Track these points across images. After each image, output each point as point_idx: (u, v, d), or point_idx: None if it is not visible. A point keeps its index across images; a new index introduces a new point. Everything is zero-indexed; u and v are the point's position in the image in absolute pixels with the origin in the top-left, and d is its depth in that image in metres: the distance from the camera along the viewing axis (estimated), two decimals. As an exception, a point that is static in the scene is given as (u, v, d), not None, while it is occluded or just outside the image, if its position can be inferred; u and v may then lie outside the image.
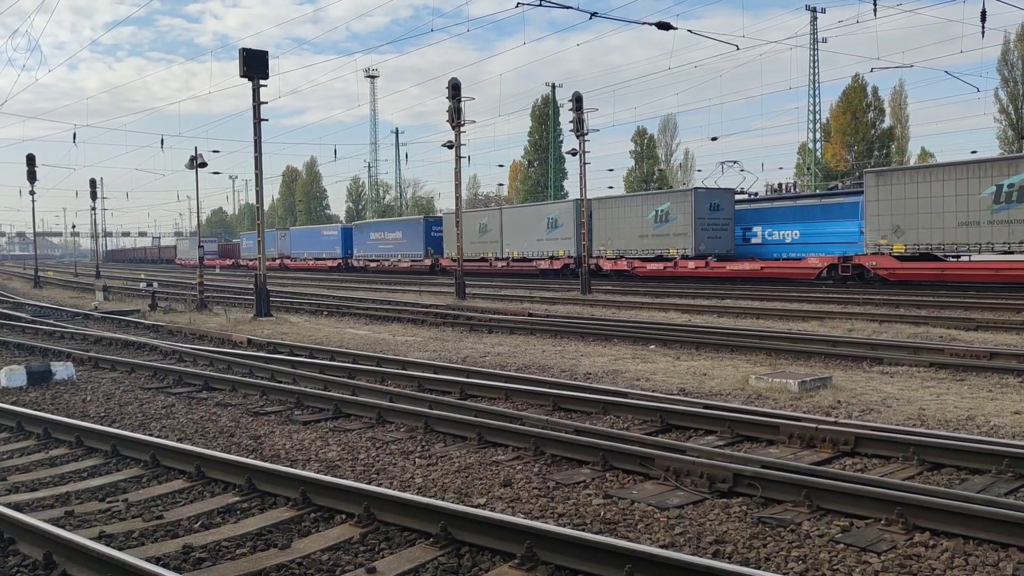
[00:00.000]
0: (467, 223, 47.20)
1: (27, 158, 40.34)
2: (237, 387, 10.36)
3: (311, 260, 64.72)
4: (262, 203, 22.97)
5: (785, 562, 4.54)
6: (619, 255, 37.66)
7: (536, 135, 75.47)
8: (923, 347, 12.42)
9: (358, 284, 40.16)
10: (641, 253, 36.76)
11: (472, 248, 45.54)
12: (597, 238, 38.32)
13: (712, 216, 35.26)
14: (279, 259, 68.43)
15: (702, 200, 35.02)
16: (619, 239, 37.85)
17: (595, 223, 37.88)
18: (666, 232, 35.78)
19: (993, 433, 7.40)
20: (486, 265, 46.23)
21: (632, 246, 37.23)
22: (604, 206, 39.14)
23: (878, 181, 28.16)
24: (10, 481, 6.52)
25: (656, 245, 36.19)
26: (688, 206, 34.96)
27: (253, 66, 20.61)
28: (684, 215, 35.12)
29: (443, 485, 6.15)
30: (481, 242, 46.86)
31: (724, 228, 35.87)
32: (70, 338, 16.79)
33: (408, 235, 52.98)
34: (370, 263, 56.44)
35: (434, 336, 16.55)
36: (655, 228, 36.37)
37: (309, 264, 64.71)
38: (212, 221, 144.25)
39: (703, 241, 34.80)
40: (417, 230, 52.60)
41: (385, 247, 55.44)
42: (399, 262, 53.05)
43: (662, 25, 21.77)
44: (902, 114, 65.71)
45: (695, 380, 10.49)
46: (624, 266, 37.30)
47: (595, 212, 38.10)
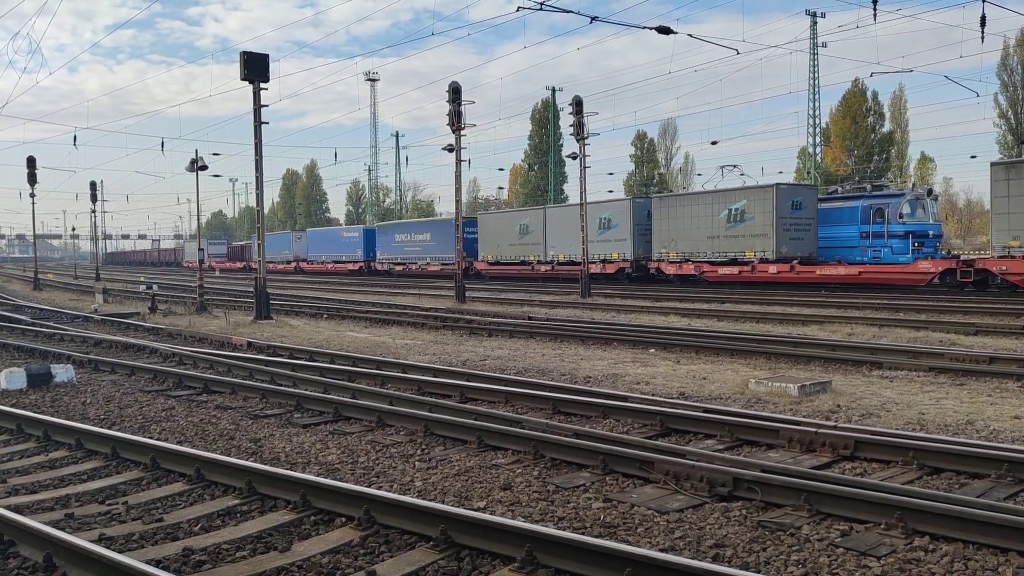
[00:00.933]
0: (506, 224, 44.67)
1: (27, 160, 40.39)
2: (237, 390, 10.36)
3: (330, 263, 61.49)
4: (262, 206, 22.99)
5: (785, 566, 4.54)
6: (684, 258, 34.36)
7: (536, 139, 75.56)
8: (922, 351, 12.43)
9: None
10: (711, 256, 33.34)
11: (511, 251, 43.57)
12: (658, 239, 35.50)
13: (795, 215, 31.68)
14: (294, 262, 66.00)
15: (784, 197, 31.47)
16: (685, 240, 34.35)
17: (655, 223, 35.55)
18: (741, 233, 32.22)
19: (992, 438, 7.40)
20: (527, 269, 42.56)
21: (700, 248, 33.73)
22: (667, 204, 35.84)
23: (1008, 174, 24.63)
24: (10, 483, 6.52)
25: (729, 247, 32.70)
26: (769, 204, 31.33)
27: (254, 69, 20.64)
28: (763, 214, 31.50)
29: (443, 488, 6.15)
30: (522, 244, 43.18)
31: (807, 228, 32.19)
32: (70, 340, 16.79)
33: (438, 237, 48.87)
34: (395, 267, 53.40)
35: (434, 339, 16.56)
36: (728, 228, 32.73)
37: (328, 267, 61.70)
38: (212, 224, 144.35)
39: (785, 243, 31.29)
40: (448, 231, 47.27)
41: (412, 250, 52.10)
42: (427, 266, 49.74)
43: (662, 29, 21.78)
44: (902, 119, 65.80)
45: (695, 384, 10.50)
46: (691, 270, 34.07)
47: (655, 211, 35.81)
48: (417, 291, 34.53)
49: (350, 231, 63.81)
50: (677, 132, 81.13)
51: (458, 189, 28.18)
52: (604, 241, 38.39)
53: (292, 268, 65.59)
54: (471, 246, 46.73)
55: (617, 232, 37.90)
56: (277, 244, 69.56)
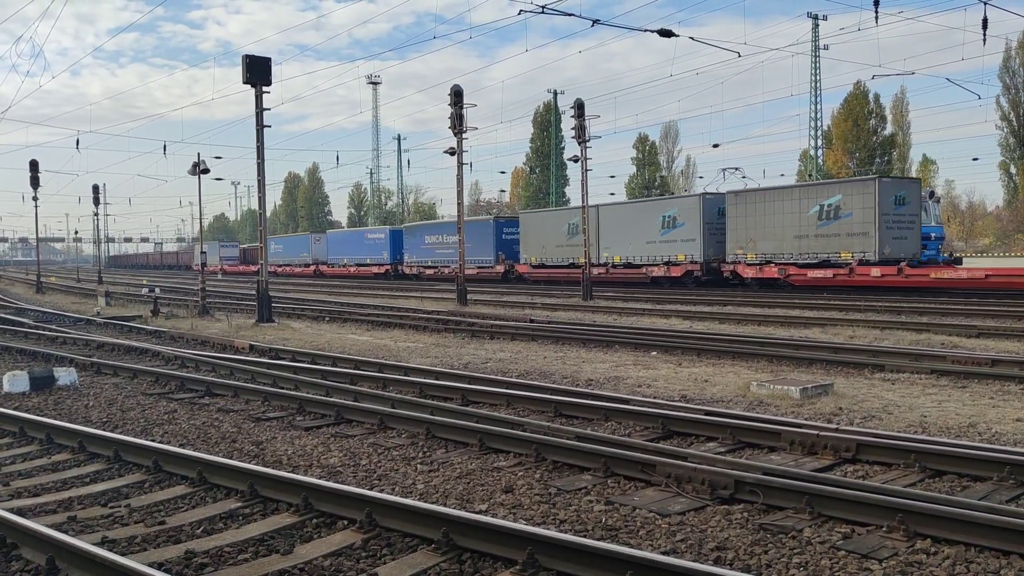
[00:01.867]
0: (552, 223, 41.50)
1: (30, 164, 40.49)
2: (239, 393, 10.37)
3: (352, 266, 58.67)
4: (264, 209, 22.99)
5: (787, 569, 4.54)
6: (766, 260, 31.34)
7: (538, 142, 75.70)
8: (925, 354, 12.41)
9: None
10: (798, 258, 30.31)
11: (558, 252, 40.59)
12: (733, 239, 32.45)
13: (898, 211, 28.57)
14: (313, 265, 63.56)
15: (886, 191, 28.36)
16: (767, 240, 31.23)
17: (730, 220, 32.56)
18: (836, 231, 29.16)
19: (995, 440, 7.39)
20: (577, 273, 37.77)
21: (785, 249, 30.66)
22: (745, 200, 32.50)
23: None
24: (13, 486, 6.53)
25: (821, 247, 29.62)
26: (869, 198, 28.27)
27: (256, 72, 20.67)
28: (863, 210, 28.41)
29: (445, 491, 6.15)
30: (570, 245, 39.40)
31: (910, 227, 29.08)
32: (72, 344, 16.82)
33: (474, 237, 45.18)
34: (425, 270, 49.95)
35: (436, 342, 16.57)
36: (820, 226, 29.63)
37: (350, 271, 58.93)
38: (214, 227, 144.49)
39: (888, 242, 28.10)
40: (485, 232, 45.65)
41: (444, 252, 48.52)
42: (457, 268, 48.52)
43: (664, 32, 21.81)
44: (903, 121, 65.86)
45: (696, 387, 10.50)
46: (773, 273, 31.04)
47: (731, 207, 32.66)
48: (419, 294, 34.51)
49: (375, 232, 60.14)
50: (679, 135, 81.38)
51: (460, 192, 28.20)
52: (668, 242, 35.28)
53: (311, 271, 63.45)
54: (511, 247, 44.45)
55: (684, 231, 34.60)
56: (295, 246, 68.06)
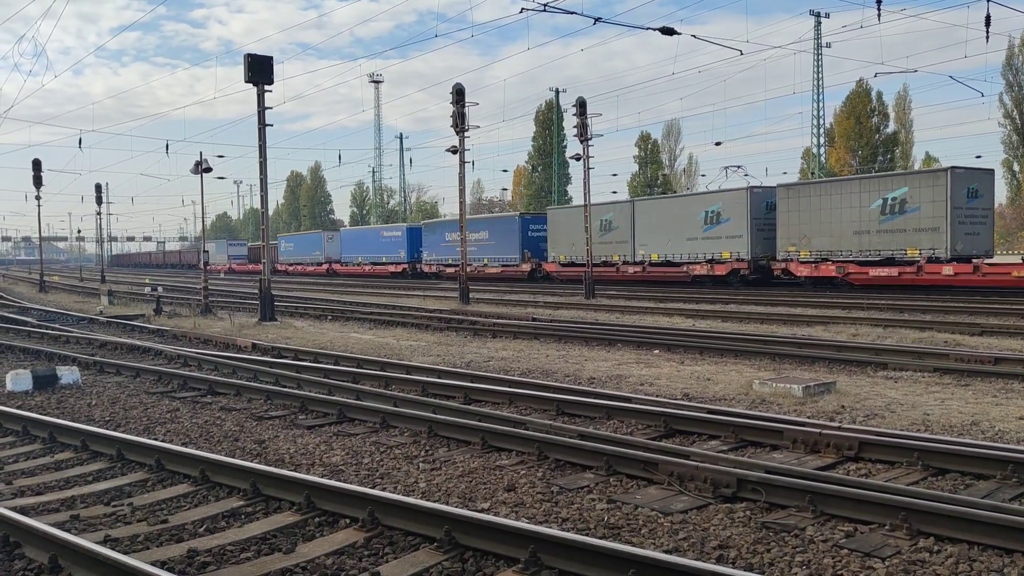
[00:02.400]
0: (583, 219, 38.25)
1: (33, 163, 40.54)
2: (241, 391, 10.38)
3: (367, 265, 56.72)
4: (267, 208, 23.01)
5: (789, 567, 4.54)
6: (821, 257, 29.57)
7: (540, 140, 75.64)
8: (927, 352, 12.40)
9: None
10: (858, 255, 28.49)
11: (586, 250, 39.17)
12: (784, 235, 30.68)
13: (970, 204, 26.80)
14: (326, 264, 61.98)
15: (959, 183, 26.51)
16: (822, 236, 29.47)
17: (781, 216, 30.82)
18: (902, 226, 27.30)
19: (998, 438, 7.38)
20: (610, 271, 37.49)
21: (844, 245, 28.88)
22: (798, 194, 30.71)
23: None
24: (16, 485, 6.54)
25: (884, 244, 27.84)
26: (940, 191, 26.38)
27: (258, 71, 20.67)
28: (933, 203, 26.50)
29: (447, 490, 6.16)
30: (603, 243, 37.69)
31: (983, 221, 27.36)
32: (75, 342, 16.84)
33: (498, 235, 44.39)
34: (445, 269, 47.77)
35: (438, 341, 16.57)
36: (883, 221, 27.82)
37: (365, 270, 57.01)
38: (217, 226, 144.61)
39: (960, 238, 26.35)
40: (510, 229, 43.99)
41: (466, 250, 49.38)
42: (484, 267, 45.08)
43: (666, 30, 21.80)
44: (906, 119, 65.80)
45: (699, 385, 10.49)
46: (830, 271, 29.30)
47: (782, 202, 30.92)
48: (422, 292, 34.51)
49: (391, 230, 58.04)
50: (681, 133, 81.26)
51: (462, 191, 28.21)
52: (712, 239, 33.48)
53: (324, 270, 61.85)
54: (537, 245, 42.63)
55: (729, 228, 32.81)
56: (307, 245, 66.85)
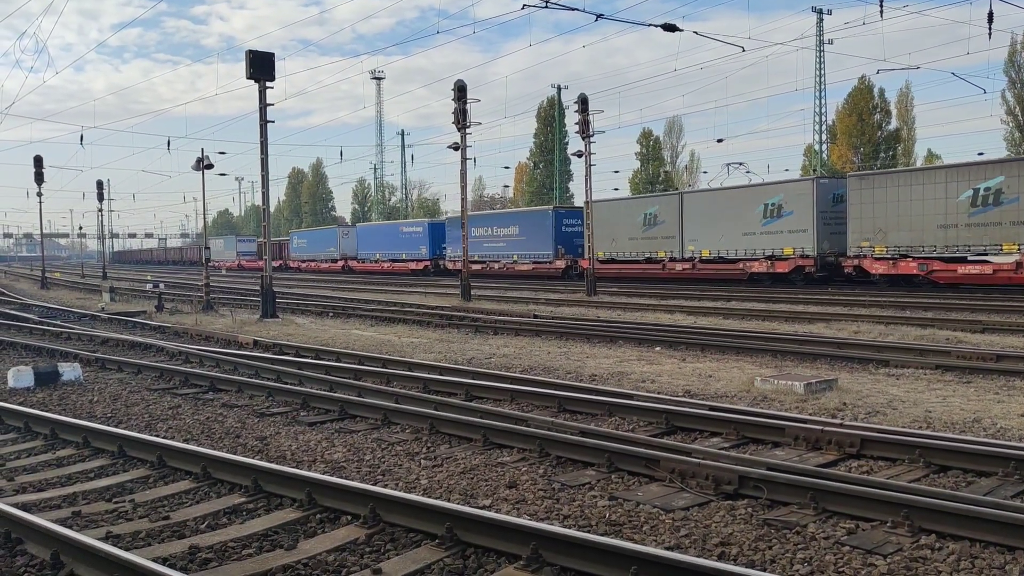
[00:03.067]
0: (624, 213, 37.32)
1: (34, 160, 40.55)
2: (243, 388, 10.38)
3: (386, 262, 54.60)
4: (268, 204, 23.02)
5: (791, 564, 4.53)
6: (901, 253, 27.47)
7: (541, 137, 75.49)
8: (929, 349, 12.39)
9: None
10: (944, 251, 26.43)
11: (631, 246, 36.83)
12: (857, 229, 28.61)
13: None
14: (341, 261, 60.25)
15: None
16: (901, 231, 27.42)
17: (853, 208, 28.80)
18: (996, 219, 25.18)
19: (1000, 435, 7.37)
20: (655, 268, 35.59)
21: (927, 240, 26.75)
22: (873, 184, 28.49)
23: None
24: (17, 481, 6.55)
25: (975, 238, 25.75)
26: None
27: (259, 68, 20.66)
28: None
29: (448, 486, 6.16)
30: (647, 238, 35.93)
31: None
32: (77, 339, 16.85)
33: (528, 230, 42.43)
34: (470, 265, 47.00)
35: (439, 338, 16.57)
36: (973, 214, 25.77)
37: (383, 267, 54.92)
38: (218, 222, 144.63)
39: None
40: (543, 224, 41.82)
41: (494, 246, 44.96)
42: (513, 265, 43.24)
43: (668, 27, 21.76)
44: (908, 116, 65.57)
45: (700, 382, 10.48)
46: (911, 269, 27.28)
47: (853, 193, 28.77)
48: (424, 290, 34.50)
49: (411, 225, 55.74)
50: (683, 130, 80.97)
51: (464, 187, 28.19)
52: (772, 233, 31.47)
53: (339, 267, 60.07)
54: (571, 241, 40.26)
55: (791, 221, 30.82)
56: (321, 241, 65.10)
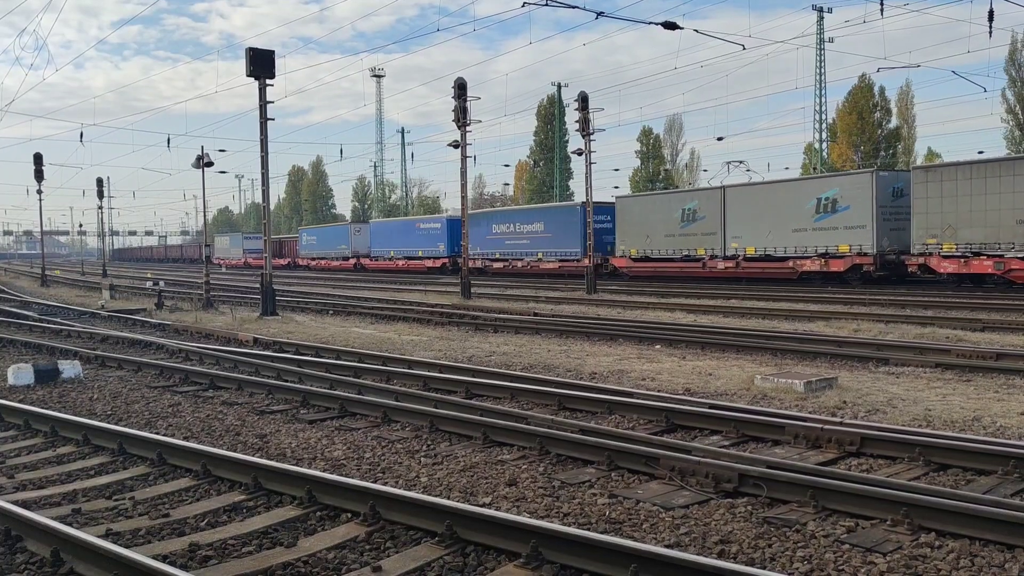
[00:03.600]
0: (660, 209, 35.79)
1: (34, 157, 40.50)
2: (243, 386, 10.38)
3: (401, 260, 52.33)
4: (268, 202, 23.02)
5: (790, 562, 4.54)
6: (972, 252, 25.33)
7: (542, 135, 75.43)
8: (929, 348, 12.39)
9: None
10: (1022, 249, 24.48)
11: (667, 243, 35.01)
12: (922, 226, 26.62)
13: None
14: (353, 258, 58.20)
15: None
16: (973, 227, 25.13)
17: (917, 203, 26.68)
18: None
19: (1000, 434, 7.38)
20: (694, 267, 33.72)
21: (1002, 238, 24.72)
22: (937, 178, 26.32)
23: None
24: (17, 479, 6.55)
25: None
26: None
27: (259, 65, 20.64)
28: None
29: (448, 484, 6.16)
30: (685, 234, 34.21)
31: None
32: (77, 337, 16.85)
33: (556, 226, 40.79)
34: (491, 263, 44.43)
35: (440, 336, 16.57)
36: None
37: (398, 265, 52.76)
38: (218, 220, 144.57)
39: None
40: (571, 220, 39.84)
41: (517, 243, 43.38)
42: (538, 263, 41.65)
43: (668, 25, 21.73)
44: (909, 114, 65.53)
45: (701, 380, 10.48)
46: (986, 268, 25.10)
47: (918, 187, 26.76)
48: (423, 287, 34.51)
49: (429, 221, 53.29)
50: (683, 128, 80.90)
51: (464, 185, 28.19)
52: (826, 229, 29.62)
53: (351, 265, 58.04)
54: (601, 238, 37.47)
55: (848, 216, 28.94)
56: (332, 238, 62.87)
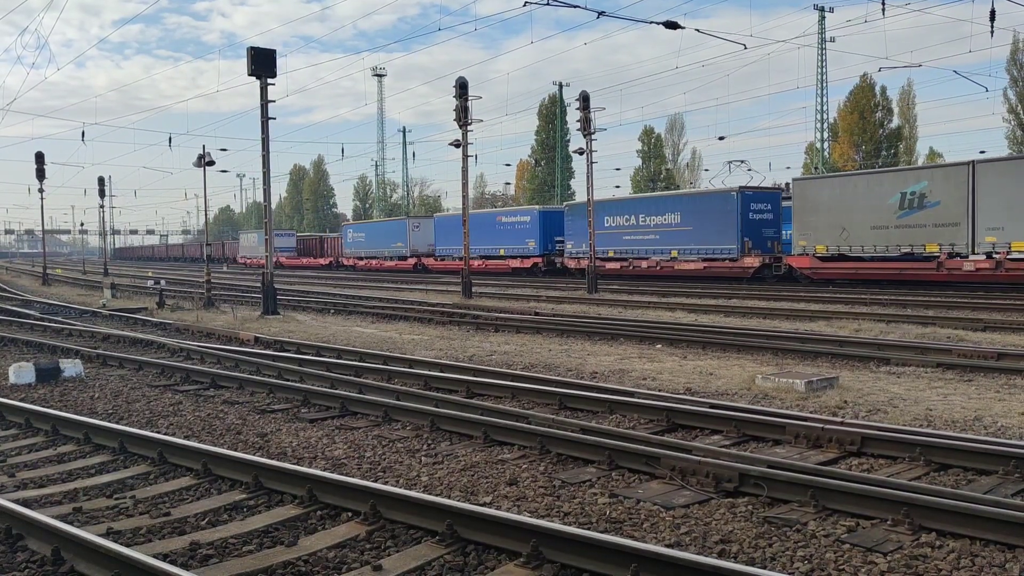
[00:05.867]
0: (863, 194, 27.65)
1: (36, 156, 40.51)
2: (244, 385, 10.39)
3: (476, 259, 43.01)
4: (270, 201, 23.01)
5: (791, 562, 4.53)
6: None
7: (543, 134, 75.43)
8: (930, 347, 12.38)
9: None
10: None
11: (874, 237, 27.34)
12: None
13: None
14: (412, 257, 51.09)
15: None
16: None
17: None
18: None
19: (1000, 434, 7.37)
20: (923, 267, 26.23)
21: None
22: None
23: None
24: (19, 477, 6.55)
25: None
26: None
27: (261, 64, 20.63)
28: None
29: (449, 483, 6.16)
30: (906, 225, 26.61)
31: None
32: (78, 335, 16.86)
33: (698, 217, 33.01)
34: (603, 263, 36.02)
35: (440, 335, 16.57)
36: None
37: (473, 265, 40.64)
38: (219, 219, 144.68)
39: None
40: (723, 209, 32.03)
41: (639, 239, 35.58)
42: (672, 262, 33.99)
43: (670, 24, 21.73)
44: (910, 114, 65.52)
45: (701, 380, 10.48)
46: None
47: None
48: (424, 286, 34.50)
49: (515, 215, 44.99)
50: (684, 127, 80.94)
51: (465, 184, 28.17)
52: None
53: (410, 265, 51.02)
54: (760, 230, 31.47)
55: None
56: (384, 235, 55.16)
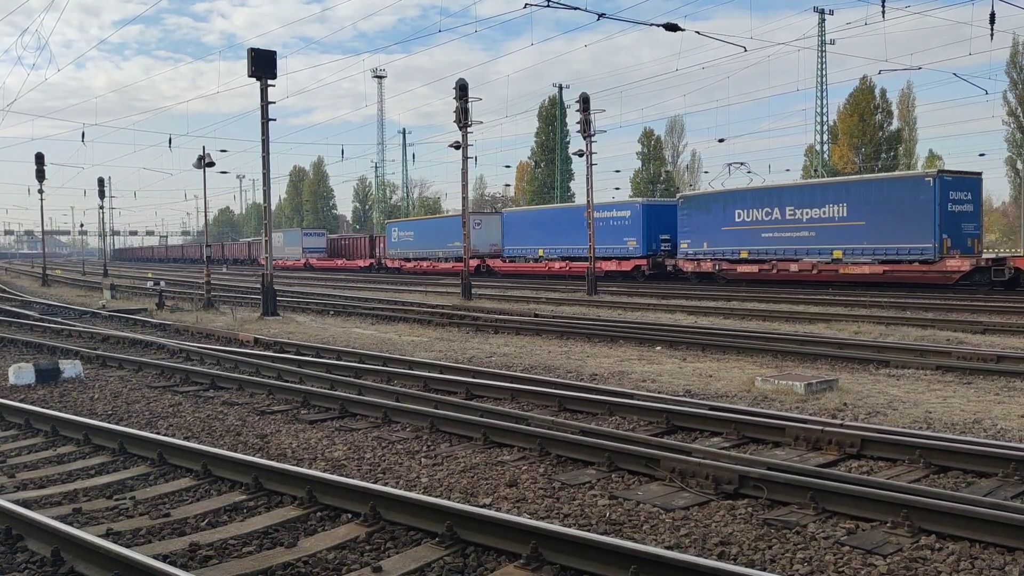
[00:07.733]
0: None
1: (36, 157, 40.51)
2: (244, 386, 10.38)
3: (557, 261, 39.44)
4: (269, 202, 23.02)
5: (790, 564, 4.54)
6: None
7: (543, 136, 75.47)
8: (930, 350, 12.38)
9: None
10: None
11: None
12: None
13: None
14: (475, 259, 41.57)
15: None
16: None
17: None
18: None
19: (1000, 436, 7.37)
20: None
21: None
22: None
23: None
24: (18, 478, 6.55)
25: None
26: None
27: (261, 66, 20.65)
28: None
29: (449, 485, 6.16)
30: None
31: None
32: (78, 336, 16.85)
33: (873, 209, 27.73)
34: (730, 265, 31.89)
35: (440, 336, 16.57)
36: None
37: (553, 268, 39.77)
38: (219, 220, 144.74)
39: None
40: (913, 198, 26.79)
41: (788, 235, 30.27)
42: (836, 264, 28.72)
43: (670, 26, 21.75)
44: (910, 116, 65.67)
45: (701, 381, 10.48)
46: None
47: None
48: (427, 288, 34.50)
49: (610, 209, 38.33)
50: (684, 129, 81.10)
51: (465, 186, 28.18)
52: None
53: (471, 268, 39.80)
54: (957, 226, 26.65)
55: None
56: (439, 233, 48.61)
